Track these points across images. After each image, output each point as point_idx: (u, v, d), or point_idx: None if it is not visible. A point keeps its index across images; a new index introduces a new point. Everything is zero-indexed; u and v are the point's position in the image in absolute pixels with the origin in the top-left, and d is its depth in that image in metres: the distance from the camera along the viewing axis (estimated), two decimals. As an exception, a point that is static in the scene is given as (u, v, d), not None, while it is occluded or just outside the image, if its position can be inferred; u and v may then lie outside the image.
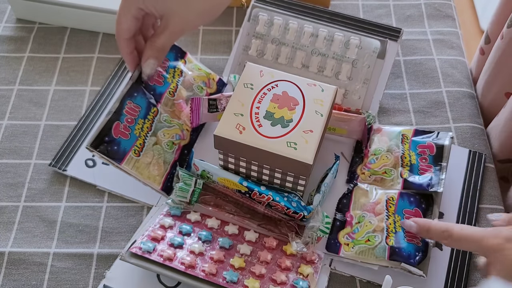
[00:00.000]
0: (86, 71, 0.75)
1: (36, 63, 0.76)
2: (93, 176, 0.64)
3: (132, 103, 0.61)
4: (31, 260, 0.59)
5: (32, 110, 0.71)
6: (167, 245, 0.56)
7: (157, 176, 0.61)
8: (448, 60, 0.77)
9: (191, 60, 0.71)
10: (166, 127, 0.63)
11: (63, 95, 0.73)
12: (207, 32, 0.80)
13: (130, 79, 0.62)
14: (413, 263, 0.55)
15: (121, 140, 0.59)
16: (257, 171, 0.58)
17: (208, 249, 0.57)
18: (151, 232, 0.57)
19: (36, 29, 0.80)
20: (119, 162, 0.58)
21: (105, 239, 0.61)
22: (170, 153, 0.63)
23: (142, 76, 0.62)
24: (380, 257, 0.56)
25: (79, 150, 0.67)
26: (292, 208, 0.57)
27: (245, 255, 0.57)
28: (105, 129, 0.58)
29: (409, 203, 0.60)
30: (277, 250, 0.58)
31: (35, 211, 0.62)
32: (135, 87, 0.62)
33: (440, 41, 0.80)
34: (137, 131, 0.60)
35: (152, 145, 0.61)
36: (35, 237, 0.60)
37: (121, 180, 0.62)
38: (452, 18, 0.83)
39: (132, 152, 0.59)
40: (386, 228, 0.57)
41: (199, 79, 0.69)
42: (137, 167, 0.59)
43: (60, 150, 0.66)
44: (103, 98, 0.72)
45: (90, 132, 0.68)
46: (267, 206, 0.60)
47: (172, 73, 0.67)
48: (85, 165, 0.65)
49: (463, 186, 0.65)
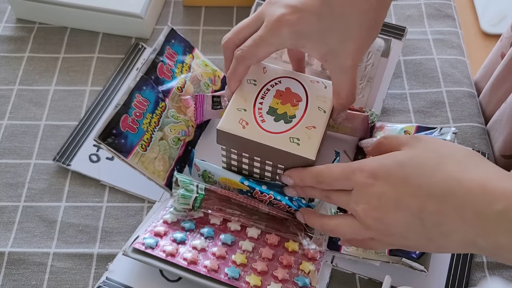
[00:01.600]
0: (86, 71, 0.75)
1: (36, 63, 0.76)
2: (98, 171, 0.65)
3: (141, 97, 0.61)
4: (31, 260, 0.59)
5: (32, 110, 0.71)
6: (169, 241, 0.57)
7: (161, 172, 0.61)
8: (448, 59, 0.77)
9: (199, 55, 0.70)
10: (173, 122, 0.63)
11: (63, 95, 0.73)
12: (207, 32, 0.80)
13: (139, 71, 0.62)
14: (414, 258, 0.55)
15: (128, 134, 0.59)
16: (259, 167, 0.58)
17: (210, 245, 0.57)
18: (154, 228, 0.58)
19: (36, 29, 0.80)
20: (126, 156, 0.58)
21: (105, 239, 0.61)
22: (175, 149, 0.63)
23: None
24: (381, 253, 0.56)
25: (83, 145, 0.67)
26: (294, 207, 0.57)
27: (247, 251, 0.57)
28: (113, 122, 0.58)
29: None
30: (279, 247, 0.58)
31: (35, 211, 0.62)
32: (144, 80, 0.62)
33: (440, 40, 0.79)
34: (145, 125, 0.60)
35: (158, 140, 0.61)
36: (35, 237, 0.60)
37: (124, 175, 0.63)
38: (452, 18, 0.83)
39: (139, 147, 0.59)
40: None
41: (206, 75, 0.69)
42: (143, 162, 0.59)
43: (64, 145, 0.67)
44: (108, 93, 0.72)
45: (95, 127, 0.68)
46: (269, 204, 0.60)
47: (180, 68, 0.67)
48: (89, 160, 0.66)
49: None
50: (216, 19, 0.81)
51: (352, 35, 0.51)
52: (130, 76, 0.73)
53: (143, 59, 0.74)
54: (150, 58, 0.64)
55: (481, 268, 0.59)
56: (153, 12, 0.79)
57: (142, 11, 0.76)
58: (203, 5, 0.83)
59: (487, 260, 0.60)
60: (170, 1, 0.84)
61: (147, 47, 0.77)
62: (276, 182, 0.59)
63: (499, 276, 0.59)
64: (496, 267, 0.59)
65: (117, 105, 0.59)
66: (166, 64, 0.65)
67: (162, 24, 0.81)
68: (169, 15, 0.82)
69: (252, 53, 0.53)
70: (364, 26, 0.51)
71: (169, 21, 0.81)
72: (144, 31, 0.78)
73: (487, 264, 0.59)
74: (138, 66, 0.74)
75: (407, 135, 0.52)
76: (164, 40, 0.66)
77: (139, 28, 0.78)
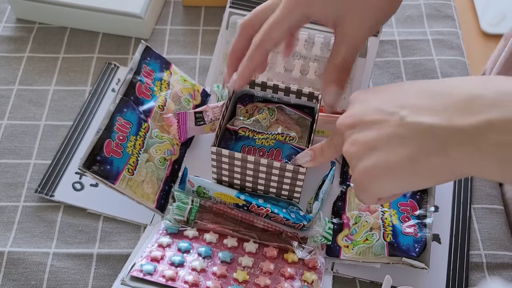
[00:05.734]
0: (85, 71, 0.75)
1: (36, 63, 0.76)
2: (83, 199, 0.63)
3: (123, 119, 0.59)
4: (31, 260, 0.59)
5: (32, 110, 0.71)
6: (167, 265, 0.55)
7: (151, 194, 0.60)
8: (447, 60, 0.77)
9: (176, 71, 0.69)
10: (158, 143, 0.62)
11: (63, 95, 0.73)
12: (207, 32, 0.80)
13: (117, 93, 0.60)
14: (414, 256, 0.55)
15: (113, 159, 0.57)
16: (251, 181, 0.59)
17: (210, 264, 0.56)
18: (149, 253, 0.56)
19: (36, 29, 0.80)
20: (113, 182, 0.56)
21: (105, 239, 0.61)
22: (162, 170, 0.62)
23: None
24: (380, 255, 0.56)
25: (65, 173, 0.65)
26: (292, 220, 0.58)
27: (248, 267, 0.57)
28: (97, 148, 0.56)
29: (403, 196, 0.60)
30: (278, 259, 0.58)
31: (34, 211, 0.62)
32: (124, 101, 0.60)
33: (440, 41, 0.80)
34: (129, 148, 0.59)
35: (144, 163, 0.60)
36: (34, 237, 0.61)
37: (111, 200, 0.62)
38: (452, 18, 0.83)
39: (126, 171, 0.57)
40: (382, 223, 0.58)
41: (186, 91, 0.68)
42: (131, 186, 0.58)
43: (45, 174, 0.65)
44: (84, 118, 0.70)
45: (75, 154, 0.66)
46: (266, 217, 0.60)
47: (159, 86, 0.65)
48: (73, 189, 0.63)
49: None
50: (216, 19, 0.81)
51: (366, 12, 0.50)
52: (106, 99, 0.72)
53: (118, 79, 0.73)
54: (128, 78, 0.62)
55: (480, 269, 0.59)
56: (153, 12, 0.79)
57: (142, 11, 0.76)
58: (203, 5, 0.83)
59: (487, 261, 0.60)
60: (170, 1, 0.84)
61: (120, 66, 0.75)
62: (270, 195, 0.60)
63: (499, 276, 0.59)
64: (496, 268, 0.59)
65: (99, 130, 0.57)
66: (145, 83, 0.63)
67: (162, 24, 0.81)
68: (169, 15, 0.82)
69: (267, 36, 0.51)
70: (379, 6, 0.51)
71: (169, 21, 0.81)
72: (144, 31, 0.78)
73: (487, 264, 0.60)
74: (114, 87, 0.73)
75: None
76: (140, 58, 0.65)
77: (139, 28, 0.78)
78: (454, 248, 0.60)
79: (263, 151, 0.59)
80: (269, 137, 0.59)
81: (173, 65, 0.69)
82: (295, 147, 0.58)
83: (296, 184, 0.57)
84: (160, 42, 0.79)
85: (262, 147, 0.59)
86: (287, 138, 0.59)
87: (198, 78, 0.75)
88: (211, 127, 0.64)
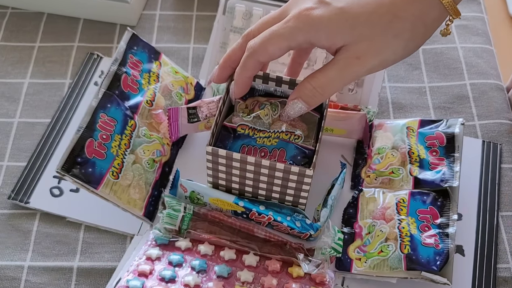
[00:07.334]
0: (65, 61, 0.75)
1: (8, 53, 0.76)
2: (61, 206, 0.62)
3: (106, 116, 0.59)
4: (3, 274, 0.59)
5: (4, 105, 0.71)
6: (157, 280, 0.55)
7: (138, 200, 0.59)
8: (472, 48, 0.77)
9: (167, 62, 0.69)
10: (146, 142, 0.61)
11: (39, 89, 0.73)
12: (201, 18, 0.80)
13: (100, 87, 0.60)
14: (434, 270, 0.55)
15: (96, 161, 0.56)
16: (252, 185, 0.58)
17: (205, 280, 0.56)
18: (136, 267, 0.56)
19: (8, 14, 0.80)
20: (96, 187, 0.56)
21: (86, 251, 0.61)
22: (151, 173, 0.61)
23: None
24: (396, 268, 0.56)
25: (41, 177, 0.64)
26: (297, 229, 0.58)
27: (247, 283, 0.56)
28: (77, 148, 0.56)
29: (422, 202, 0.60)
30: (281, 273, 0.57)
31: (7, 219, 0.62)
32: (107, 96, 0.60)
33: (464, 27, 0.79)
34: (114, 149, 0.58)
35: (131, 165, 0.60)
36: (7, 249, 0.60)
37: (94, 208, 0.61)
38: (477, 1, 0.83)
39: (110, 174, 0.57)
40: (400, 233, 0.57)
41: (177, 84, 0.67)
42: (115, 191, 0.57)
43: (20, 178, 0.64)
44: (64, 114, 0.69)
45: (53, 155, 0.66)
46: (268, 226, 0.60)
47: (147, 78, 0.65)
48: (50, 195, 0.63)
49: (480, 181, 0.65)
50: (211, 3, 0.81)
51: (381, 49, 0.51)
52: (88, 93, 0.71)
53: (101, 71, 0.73)
54: (112, 70, 0.62)
55: (509, 284, 0.59)
56: (140, -4, 0.79)
57: (128, -6, 0.76)
58: (197, -12, 0.83)
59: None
60: (160, -17, 0.84)
61: (103, 57, 0.75)
62: (273, 201, 0.59)
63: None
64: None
65: (79, 128, 0.56)
66: (131, 75, 0.63)
67: (150, 9, 0.81)
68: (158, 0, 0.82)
69: (262, 46, 0.53)
70: (399, 51, 0.52)
71: (158, 5, 0.81)
72: (130, 17, 0.78)
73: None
74: (96, 80, 0.73)
75: None
76: (126, 47, 0.65)
77: (124, 14, 0.78)
78: (479, 261, 0.60)
79: (265, 152, 0.58)
80: (271, 135, 0.59)
81: (163, 55, 0.69)
82: (301, 147, 0.58)
83: (302, 188, 0.57)
84: (148, 29, 0.79)
85: (264, 147, 0.59)
86: (291, 137, 0.59)
87: (191, 69, 0.75)
88: (206, 124, 0.64)
